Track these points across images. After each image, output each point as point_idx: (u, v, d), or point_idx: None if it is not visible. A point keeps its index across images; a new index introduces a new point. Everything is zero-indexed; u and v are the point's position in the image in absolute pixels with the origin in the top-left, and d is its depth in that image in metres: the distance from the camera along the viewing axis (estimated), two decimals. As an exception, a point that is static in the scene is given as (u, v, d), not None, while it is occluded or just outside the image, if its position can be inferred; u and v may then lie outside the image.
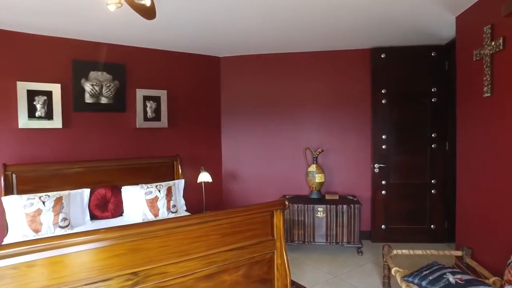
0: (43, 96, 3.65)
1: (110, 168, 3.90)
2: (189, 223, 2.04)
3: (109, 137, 4.06)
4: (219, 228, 2.16)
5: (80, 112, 3.89)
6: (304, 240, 4.14)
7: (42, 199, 3.18)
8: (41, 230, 3.11)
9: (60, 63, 3.79)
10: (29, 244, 1.57)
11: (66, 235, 1.70)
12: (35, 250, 1.58)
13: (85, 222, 3.52)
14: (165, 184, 3.84)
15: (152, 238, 1.92)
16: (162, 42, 4.13)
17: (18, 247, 1.54)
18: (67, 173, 3.67)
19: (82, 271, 1.74)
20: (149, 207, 3.64)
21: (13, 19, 3.24)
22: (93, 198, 3.66)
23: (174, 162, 4.33)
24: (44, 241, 1.60)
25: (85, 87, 3.86)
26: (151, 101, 4.27)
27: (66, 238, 1.67)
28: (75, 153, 3.85)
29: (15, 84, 3.54)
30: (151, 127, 4.30)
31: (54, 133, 3.75)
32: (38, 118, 3.62)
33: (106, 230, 1.77)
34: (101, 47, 3.99)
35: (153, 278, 1.93)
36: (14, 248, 1.53)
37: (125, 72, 4.13)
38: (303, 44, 4.33)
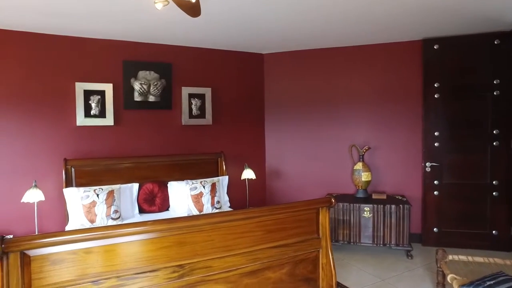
0: (97, 96, 3.86)
1: (157, 164, 4.05)
2: (234, 218, 2.04)
3: (156, 134, 4.21)
4: (264, 225, 2.14)
5: (130, 110, 4.07)
6: (349, 240, 4.00)
7: (96, 191, 3.37)
8: (96, 220, 3.29)
9: (112, 64, 3.99)
10: (86, 232, 1.67)
11: (118, 225, 1.77)
12: (91, 238, 1.67)
13: (134, 215, 3.67)
14: (209, 180, 3.90)
15: (197, 232, 1.94)
16: (206, 40, 4.20)
17: (77, 234, 1.64)
18: (118, 168, 3.86)
19: (132, 260, 1.80)
20: (194, 203, 3.71)
21: (72, 25, 3.46)
22: (142, 193, 3.81)
23: (219, 158, 4.39)
24: (99, 230, 1.69)
25: (134, 86, 4.03)
26: (196, 98, 4.36)
27: (118, 228, 1.74)
28: (125, 149, 4.04)
29: (74, 85, 3.79)
30: (196, 124, 4.40)
31: (107, 130, 3.96)
32: (93, 116, 3.85)
33: (153, 222, 1.82)
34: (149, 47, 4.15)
35: (198, 271, 1.95)
36: (73, 235, 1.63)
37: (171, 70, 4.25)
38: (348, 38, 4.17)
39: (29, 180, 3.59)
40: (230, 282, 2.06)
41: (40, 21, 3.35)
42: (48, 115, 3.74)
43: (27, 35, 3.64)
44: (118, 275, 1.77)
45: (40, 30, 3.62)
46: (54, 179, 3.73)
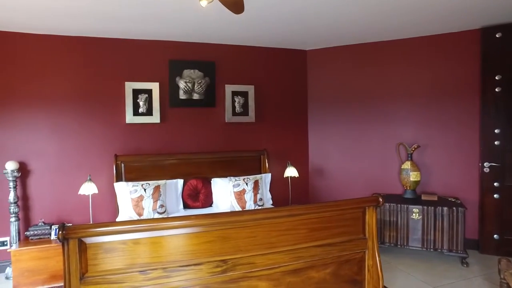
0: (145, 94, 4.02)
1: (201, 160, 4.13)
2: (278, 215, 2.01)
3: (200, 131, 4.30)
4: (308, 223, 2.09)
5: (175, 108, 4.19)
6: (396, 243, 3.82)
7: (143, 186, 3.51)
8: (143, 214, 3.43)
9: (159, 64, 4.13)
10: (135, 224, 1.73)
11: (165, 218, 1.82)
12: (140, 229, 1.74)
13: (178, 210, 3.78)
14: (252, 178, 3.91)
15: (241, 228, 1.94)
16: (249, 38, 4.21)
17: (126, 225, 1.71)
18: (164, 164, 3.99)
19: (177, 253, 1.84)
20: (236, 199, 3.74)
21: (122, 28, 3.63)
22: (186, 188, 3.91)
23: (261, 156, 4.39)
24: (148, 222, 1.75)
25: (180, 84, 4.14)
26: (239, 96, 4.39)
27: (165, 221, 1.79)
28: (170, 146, 4.17)
29: (124, 84, 3.98)
30: (239, 122, 4.43)
31: (153, 127, 4.12)
32: (140, 114, 4.01)
33: (198, 217, 1.84)
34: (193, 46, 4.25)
35: (241, 267, 1.95)
36: (124, 226, 1.71)
37: (215, 69, 4.31)
38: (396, 30, 3.97)
39: (84, 174, 3.83)
40: (273, 279, 2.03)
41: (92, 25, 3.56)
42: (101, 113, 3.96)
43: (80, 40, 3.87)
44: (164, 266, 1.81)
45: (92, 34, 3.84)
46: (106, 174, 3.94)
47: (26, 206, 3.77)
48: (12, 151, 3.71)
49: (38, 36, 3.76)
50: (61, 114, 3.84)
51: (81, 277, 1.70)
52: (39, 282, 3.35)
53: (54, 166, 3.84)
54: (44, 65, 3.79)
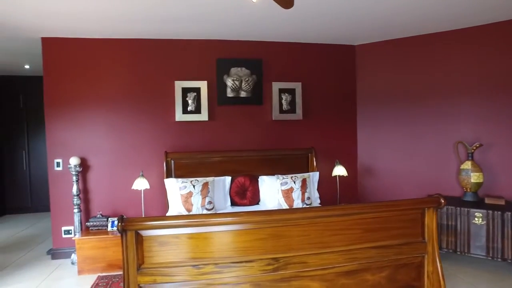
0: (194, 93, 4.11)
1: (248, 158, 4.14)
2: (332, 214, 1.94)
3: (248, 129, 4.31)
4: (363, 223, 2.00)
5: (223, 106, 4.24)
6: (455, 249, 3.54)
7: (192, 183, 3.58)
8: (192, 210, 3.51)
9: (207, 62, 4.20)
10: (189, 219, 1.76)
11: (218, 214, 1.83)
12: (193, 224, 1.76)
13: (226, 207, 3.81)
14: (300, 176, 3.85)
15: (293, 226, 1.89)
16: (296, 34, 4.14)
17: (180, 220, 1.74)
18: (212, 161, 4.06)
19: (228, 249, 1.84)
20: (284, 198, 3.70)
21: (172, 29, 3.74)
22: (234, 186, 3.94)
23: (309, 154, 4.31)
24: (201, 217, 1.78)
25: (227, 82, 4.18)
26: (286, 93, 4.34)
27: (218, 217, 1.80)
28: (218, 144, 4.23)
29: (173, 83, 4.10)
30: (287, 119, 4.38)
31: (201, 125, 4.20)
32: (189, 112, 4.11)
33: (251, 214, 1.83)
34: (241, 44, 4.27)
35: (293, 266, 1.91)
36: (177, 220, 1.74)
37: (262, 66, 4.30)
38: (454, 20, 3.68)
39: (137, 170, 4.00)
40: (326, 280, 1.97)
41: (145, 28, 3.70)
42: (152, 112, 4.12)
43: (134, 42, 4.06)
44: (215, 262, 1.82)
45: (144, 36, 4.00)
46: (157, 170, 4.09)
47: (86, 198, 4.03)
48: (75, 147, 3.98)
49: (96, 41, 3.99)
50: (116, 113, 4.05)
51: (138, 267, 1.76)
52: (98, 269, 3.57)
53: (110, 162, 4.06)
54: (102, 67, 4.02)
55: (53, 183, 3.99)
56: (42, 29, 3.67)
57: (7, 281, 3.43)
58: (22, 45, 4.23)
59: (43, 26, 3.58)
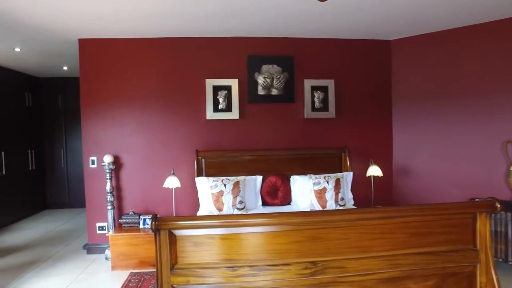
0: (224, 91, 4.08)
1: (279, 157, 4.06)
2: (374, 216, 1.81)
3: (279, 127, 4.23)
4: (407, 226, 1.85)
5: (254, 104, 4.18)
6: (506, 259, 3.28)
7: (223, 182, 3.54)
8: (223, 209, 3.47)
9: (238, 60, 4.16)
10: (223, 219, 1.70)
11: (254, 215, 1.76)
12: (228, 225, 1.69)
13: (257, 207, 3.75)
14: (333, 176, 3.71)
15: (332, 228, 1.79)
16: (328, 30, 4.00)
17: (215, 220, 1.69)
18: (242, 160, 4.00)
19: (264, 251, 1.76)
20: (317, 198, 3.58)
21: (203, 27, 3.73)
22: (265, 185, 3.86)
23: (342, 153, 4.16)
24: (237, 217, 1.72)
25: (258, 80, 4.11)
26: (318, 91, 4.21)
27: (254, 218, 1.73)
28: (249, 142, 4.17)
29: (204, 81, 4.08)
30: (319, 118, 4.25)
31: (232, 123, 4.15)
32: (220, 110, 4.08)
33: (289, 215, 1.75)
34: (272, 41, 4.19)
35: (332, 271, 1.80)
36: (212, 220, 1.69)
37: (293, 63, 4.20)
38: (495, 10, 3.39)
39: (168, 168, 4.01)
40: (365, 287, 1.84)
41: (175, 26, 3.70)
42: (183, 110, 4.12)
43: (165, 41, 4.08)
44: (251, 264, 1.75)
45: (175, 34, 4.01)
46: (187, 168, 4.09)
47: (119, 196, 4.10)
48: (108, 145, 4.06)
49: (129, 40, 4.05)
50: (148, 111, 4.09)
51: (172, 267, 1.72)
52: (130, 265, 3.61)
53: (141, 160, 4.10)
54: (134, 66, 4.07)
55: (88, 180, 4.09)
56: (79, 31, 3.76)
57: (49, 272, 3.61)
58: (61, 47, 4.37)
59: (80, 28, 3.67)
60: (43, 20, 3.39)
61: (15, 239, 4.87)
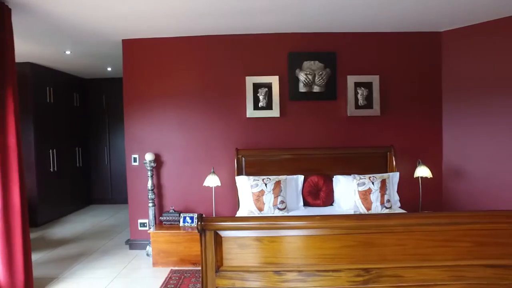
0: (265, 88, 4.00)
1: (321, 156, 3.92)
2: (435, 221, 1.65)
3: (321, 126, 4.08)
4: (474, 234, 1.67)
5: (295, 101, 4.07)
6: None
7: (264, 181, 3.47)
8: (264, 209, 3.39)
9: (278, 57, 4.06)
10: (272, 220, 1.61)
11: (303, 217, 1.67)
12: (276, 227, 1.61)
13: (298, 207, 3.64)
14: (379, 176, 3.52)
15: (387, 233, 1.65)
16: (374, 23, 3.79)
17: (263, 222, 1.61)
18: (283, 159, 3.91)
19: (313, 256, 1.66)
20: (361, 199, 3.41)
21: (243, 23, 3.67)
22: (306, 185, 3.74)
23: (388, 153, 3.94)
24: (285, 219, 1.62)
25: (299, 77, 4.00)
26: (362, 87, 4.02)
27: (304, 221, 1.63)
28: (289, 141, 4.06)
29: (244, 79, 4.03)
30: (362, 115, 4.05)
31: (273, 121, 4.07)
32: (260, 108, 4.01)
33: (342, 218, 1.65)
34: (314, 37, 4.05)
35: (386, 279, 1.66)
36: (260, 222, 1.61)
37: (336, 59, 4.04)
38: None
39: (207, 166, 4.00)
40: (425, 299, 1.69)
41: (214, 23, 3.67)
42: (223, 108, 4.10)
43: (205, 39, 4.07)
44: (299, 269, 1.66)
45: (214, 32, 3.98)
46: (227, 167, 4.06)
47: (160, 193, 4.16)
48: (149, 143, 4.13)
49: (169, 40, 4.08)
50: (188, 110, 4.11)
51: (217, 269, 1.67)
52: (171, 263, 3.64)
53: (182, 158, 4.13)
54: (174, 65, 4.10)
55: (130, 177, 4.18)
56: (123, 31, 3.84)
57: (94, 266, 3.75)
58: (106, 49, 4.51)
59: (124, 29, 3.74)
60: (90, 22, 3.49)
61: (64, 231, 5.12)
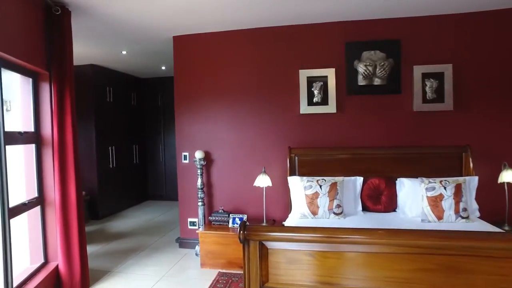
0: (320, 82, 3.70)
1: (382, 156, 3.52)
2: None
3: (382, 122, 3.67)
4: None
5: (353, 96, 3.71)
6: None
7: (319, 182, 3.18)
8: (318, 213, 3.11)
9: (334, 48, 3.73)
10: (328, 233, 1.34)
11: (369, 231, 1.37)
12: (336, 241, 1.34)
13: (356, 212, 3.29)
14: (452, 180, 3.04)
15: (481, 257, 1.29)
16: (445, 4, 3.30)
17: (317, 234, 1.34)
18: (340, 159, 3.58)
19: (379, 278, 1.37)
20: (430, 206, 2.97)
21: (294, 13, 3.40)
22: (366, 188, 3.38)
23: (463, 153, 3.41)
24: (345, 232, 1.33)
25: (358, 69, 3.63)
26: (431, 79, 3.53)
27: (369, 235, 1.33)
28: (347, 139, 3.72)
29: (298, 73, 3.76)
30: (431, 110, 3.56)
31: (328, 118, 3.75)
32: (315, 104, 3.72)
33: (416, 234, 1.31)
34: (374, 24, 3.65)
35: (475, 314, 1.31)
36: (313, 234, 1.35)
37: (400, 48, 3.60)
38: None
39: (258, 165, 3.82)
40: None
41: (264, 14, 3.44)
42: (275, 104, 3.87)
43: (253, 32, 3.88)
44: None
45: (265, 24, 3.76)
46: (279, 166, 3.83)
47: (209, 192, 4.05)
48: (200, 141, 4.05)
49: (219, 34, 3.96)
50: (238, 106, 3.95)
51: (261, 285, 1.45)
52: (219, 265, 3.51)
53: (231, 156, 3.98)
54: (224, 60, 3.97)
55: (181, 175, 4.14)
56: (174, 27, 3.80)
57: (145, 262, 3.77)
58: (158, 47, 4.53)
59: (175, 24, 3.69)
60: (143, 19, 3.49)
61: (121, 225, 5.29)
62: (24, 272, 2.94)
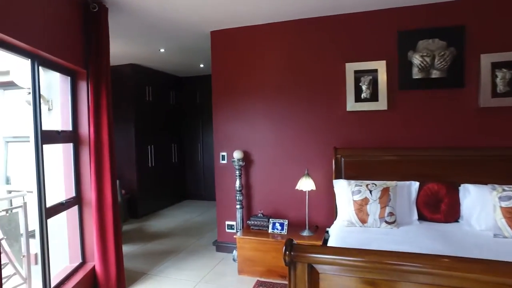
0: (368, 76, 3.35)
1: (442, 158, 3.10)
2: None
3: (441, 120, 3.24)
4: None
5: (406, 91, 3.31)
6: None
7: (369, 187, 2.85)
8: (367, 221, 2.78)
9: (385, 38, 3.36)
10: (401, 259, 1.05)
11: (454, 259, 1.05)
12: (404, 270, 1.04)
13: (411, 222, 2.91)
14: (533, 188, 2.58)
15: None
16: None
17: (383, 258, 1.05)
18: (392, 161, 3.21)
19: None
20: (506, 219, 2.53)
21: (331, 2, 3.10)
22: (422, 194, 2.99)
23: (543, 156, 2.92)
24: (422, 260, 1.03)
25: (413, 60, 3.23)
26: (503, 69, 3.05)
27: (453, 264, 1.02)
28: (400, 139, 3.33)
29: (344, 66, 3.44)
30: (503, 106, 3.08)
31: (379, 115, 3.39)
32: (363, 100, 3.37)
33: None
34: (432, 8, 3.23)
35: None
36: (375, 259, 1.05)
37: (464, 34, 3.15)
38: None
39: (300, 167, 3.55)
40: None
41: (305, 3, 3.16)
42: (318, 101, 3.57)
43: (294, 23, 3.61)
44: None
45: (307, 15, 3.48)
46: (322, 168, 3.54)
47: (248, 194, 3.85)
48: (238, 141, 3.85)
49: (257, 27, 3.73)
50: (278, 103, 3.70)
51: (311, 315, 1.19)
52: (257, 273, 3.30)
53: (272, 157, 3.74)
54: (263, 55, 3.74)
55: (219, 176, 3.97)
56: (211, 21, 3.62)
57: (180, 265, 3.64)
58: (196, 43, 4.39)
59: (211, 18, 3.51)
60: (180, 14, 3.36)
61: (159, 225, 5.25)
62: (63, 271, 2.92)
